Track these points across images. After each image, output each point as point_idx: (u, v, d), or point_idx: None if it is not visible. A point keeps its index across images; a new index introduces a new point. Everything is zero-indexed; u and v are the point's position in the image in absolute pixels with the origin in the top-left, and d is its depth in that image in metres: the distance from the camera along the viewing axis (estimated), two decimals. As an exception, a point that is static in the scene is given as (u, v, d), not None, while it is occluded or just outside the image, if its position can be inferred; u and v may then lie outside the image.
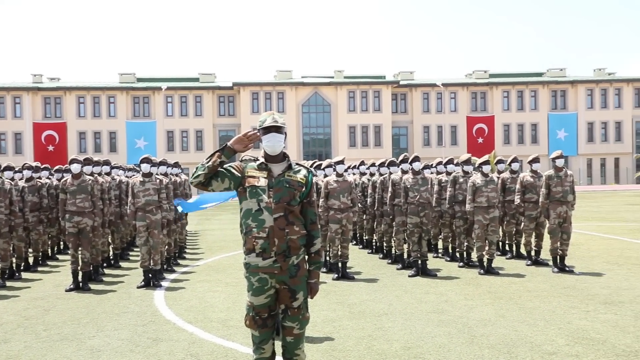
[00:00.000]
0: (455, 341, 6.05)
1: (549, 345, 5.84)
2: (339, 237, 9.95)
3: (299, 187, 4.26)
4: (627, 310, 7.14)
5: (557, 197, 10.08)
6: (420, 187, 10.10)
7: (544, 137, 59.53)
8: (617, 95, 60.03)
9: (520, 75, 62.62)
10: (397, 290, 8.78)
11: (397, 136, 60.06)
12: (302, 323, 4.27)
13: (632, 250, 12.39)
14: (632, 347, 5.69)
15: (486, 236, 10.17)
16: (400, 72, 61.78)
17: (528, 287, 8.78)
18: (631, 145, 59.78)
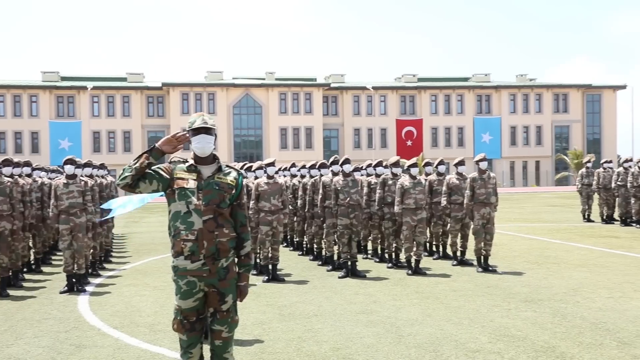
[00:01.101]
0: (383, 341, 6.15)
1: (473, 343, 6.02)
2: (269, 239, 9.94)
3: (228, 190, 4.24)
4: (545, 308, 7.44)
5: (481, 198, 10.39)
6: (351, 189, 10.21)
7: (469, 140, 61.22)
8: (537, 100, 62.42)
9: (447, 79, 64.21)
10: (327, 291, 8.85)
11: (328, 138, 60.46)
12: (231, 326, 4.24)
13: (550, 250, 12.91)
14: (549, 343, 5.94)
15: (414, 237, 10.37)
16: (331, 74, 62.24)
17: (454, 286, 9.01)
18: (551, 149, 62.26)
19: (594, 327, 6.46)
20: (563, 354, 5.60)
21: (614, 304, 7.55)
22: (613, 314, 7.05)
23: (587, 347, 5.77)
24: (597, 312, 7.17)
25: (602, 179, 18.50)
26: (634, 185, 16.83)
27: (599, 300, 7.78)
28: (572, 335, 6.18)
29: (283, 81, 59.12)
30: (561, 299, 7.90)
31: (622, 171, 17.58)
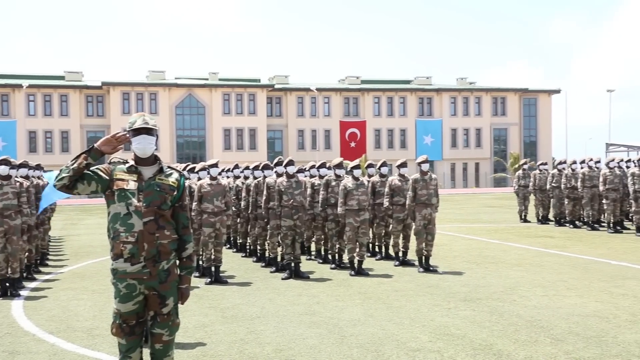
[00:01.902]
0: (326, 342, 6.18)
1: (414, 342, 6.12)
2: (212, 240, 9.85)
3: (170, 191, 4.19)
4: (483, 307, 7.62)
5: (423, 199, 10.56)
6: (294, 190, 10.22)
7: (412, 142, 62.15)
8: (477, 103, 63.90)
9: (390, 82, 65.01)
10: (270, 293, 8.83)
11: (272, 139, 60.35)
12: (172, 329, 4.19)
13: (489, 249, 13.23)
14: (487, 341, 6.09)
15: (357, 238, 10.46)
16: (275, 75, 62.16)
17: (395, 287, 9.13)
18: (489, 151, 63.82)
19: (529, 325, 6.66)
20: (500, 351, 5.75)
21: (548, 302, 7.80)
22: (547, 311, 7.28)
23: (523, 344, 5.94)
24: (532, 310, 7.39)
25: (538, 180, 19.07)
26: (567, 186, 17.41)
27: (534, 299, 8.02)
28: (509, 333, 6.35)
29: (226, 82, 58.69)
30: (499, 298, 8.11)
31: (557, 173, 18.17)
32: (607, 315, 7.04)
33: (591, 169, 16.86)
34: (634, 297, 7.95)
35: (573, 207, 17.54)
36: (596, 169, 16.88)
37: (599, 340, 6.03)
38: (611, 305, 7.51)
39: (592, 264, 10.82)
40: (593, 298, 7.98)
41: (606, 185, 15.98)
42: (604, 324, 6.62)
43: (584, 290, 8.48)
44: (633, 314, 7.05)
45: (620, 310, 7.27)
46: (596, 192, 16.56)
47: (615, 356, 5.52)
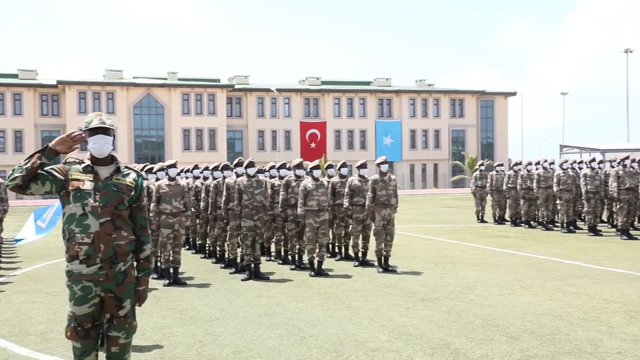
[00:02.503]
0: (285, 343, 6.18)
1: (373, 342, 6.16)
2: (170, 242, 9.75)
3: (127, 191, 4.13)
4: (441, 306, 7.72)
5: (382, 200, 10.64)
6: (254, 190, 10.19)
7: (371, 143, 62.55)
8: (435, 105, 64.67)
9: (350, 83, 65.30)
10: (229, 294, 8.78)
11: (232, 140, 60.01)
12: (129, 332, 4.13)
13: (447, 249, 13.41)
14: (445, 340, 6.17)
15: (317, 239, 10.48)
16: (235, 76, 61.83)
17: (355, 287, 9.18)
18: (448, 152, 64.65)
19: (485, 324, 6.77)
20: (457, 350, 5.83)
21: (504, 301, 7.94)
22: (503, 310, 7.42)
23: (479, 343, 6.04)
24: (488, 309, 7.51)
25: (495, 181, 19.40)
26: (523, 187, 17.75)
27: (491, 298, 8.15)
28: (466, 332, 6.45)
29: (186, 81, 58.14)
30: (456, 297, 8.23)
31: (513, 174, 18.51)
32: (560, 313, 7.20)
33: (546, 170, 17.23)
34: (586, 296, 8.15)
35: (528, 207, 17.89)
36: (551, 170, 17.25)
37: (553, 337, 6.17)
38: (564, 304, 7.69)
39: (546, 263, 11.06)
40: (547, 297, 8.15)
41: (560, 186, 16.34)
42: (557, 322, 6.77)
43: (538, 289, 8.66)
44: (585, 312, 7.22)
45: (572, 308, 7.45)
46: (551, 193, 16.92)
47: (567, 353, 5.65)
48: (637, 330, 6.37)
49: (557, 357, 5.55)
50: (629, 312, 7.20)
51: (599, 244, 13.71)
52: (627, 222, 14.73)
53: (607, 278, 9.45)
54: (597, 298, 7.99)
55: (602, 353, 5.63)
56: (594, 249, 12.88)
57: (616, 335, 6.22)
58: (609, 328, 6.49)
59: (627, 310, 7.26)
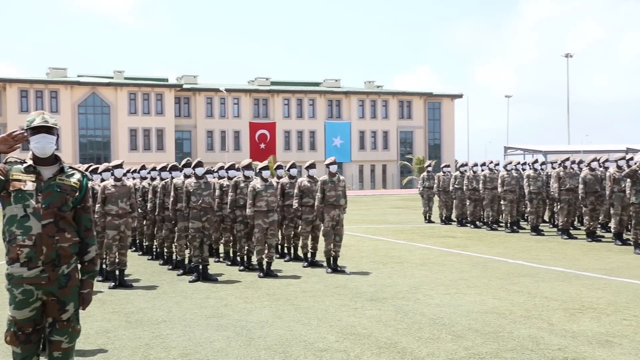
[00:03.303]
0: (233, 344, 6.15)
1: (321, 342, 6.19)
2: (116, 243, 9.57)
3: (71, 192, 4.04)
4: (389, 306, 7.81)
5: (331, 201, 10.69)
6: (203, 191, 10.10)
7: (321, 143, 62.76)
8: (384, 106, 65.36)
9: (299, 84, 65.36)
10: (177, 296, 8.68)
11: (180, 140, 59.32)
12: (72, 336, 4.04)
13: (395, 250, 13.57)
14: (392, 339, 6.24)
15: (266, 240, 10.46)
16: (184, 75, 61.15)
17: (304, 287, 9.20)
18: (396, 153, 65.41)
19: (432, 323, 6.88)
20: (404, 349, 5.91)
21: (450, 300, 8.09)
22: (449, 309, 7.55)
23: (426, 342, 6.14)
24: (435, 308, 7.64)
25: (442, 182, 19.73)
26: (469, 188, 18.10)
27: (437, 297, 8.29)
28: (413, 331, 6.54)
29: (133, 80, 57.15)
30: (403, 297, 8.33)
31: (459, 175, 18.85)
32: (504, 311, 7.38)
33: (492, 171, 17.60)
34: (528, 294, 8.38)
35: (474, 208, 18.25)
36: (496, 171, 17.64)
37: (496, 335, 6.32)
38: (507, 302, 7.88)
39: (490, 263, 11.31)
40: (491, 295, 8.34)
41: (504, 187, 16.73)
42: (501, 320, 6.94)
43: (483, 288, 8.85)
44: (527, 310, 7.42)
45: (515, 306, 7.65)
46: (496, 194, 17.29)
47: (510, 350, 5.80)
48: (576, 327, 6.58)
49: (500, 354, 5.69)
50: (569, 309, 7.43)
51: (541, 244, 14.10)
52: (567, 222, 15.18)
53: (548, 276, 9.73)
54: (538, 296, 8.22)
55: (543, 350, 5.80)
56: (536, 248, 13.24)
57: (556, 332, 6.41)
58: (550, 325, 6.69)
59: (567, 308, 7.49)
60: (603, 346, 5.87)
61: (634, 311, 7.25)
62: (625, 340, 6.04)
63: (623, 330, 6.41)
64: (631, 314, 7.10)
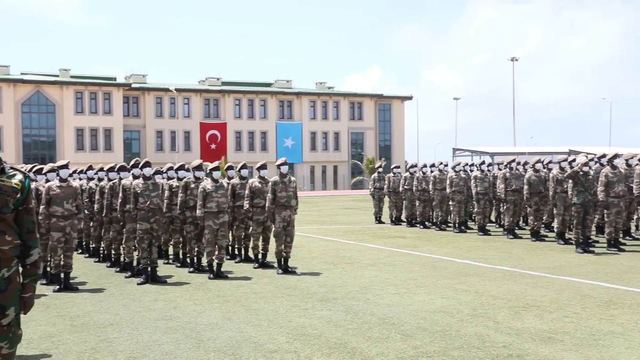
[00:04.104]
0: (182, 347, 6.08)
1: (271, 343, 6.18)
2: (61, 245, 9.35)
3: (12, 194, 3.92)
4: (339, 306, 7.85)
5: (282, 201, 10.68)
6: (151, 192, 9.96)
7: (272, 144, 62.64)
8: (335, 107, 65.66)
9: (250, 84, 65.08)
10: (124, 299, 8.53)
11: (129, 140, 58.35)
12: (13, 342, 3.92)
13: (345, 250, 13.64)
14: (342, 340, 6.28)
15: (216, 241, 10.38)
16: (132, 74, 60.15)
17: (254, 289, 9.16)
18: (347, 154, 65.79)
19: (381, 322, 6.95)
20: (354, 349, 5.95)
21: (400, 300, 8.18)
22: (398, 308, 7.64)
23: (375, 341, 6.19)
24: (384, 307, 7.71)
25: (392, 183, 19.93)
26: (418, 189, 18.33)
27: (387, 297, 8.38)
28: (363, 331, 6.59)
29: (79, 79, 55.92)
30: (354, 297, 8.39)
31: (409, 176, 19.07)
32: (452, 310, 7.51)
33: (441, 172, 17.87)
34: (475, 293, 8.54)
35: (423, 208, 18.49)
36: (445, 173, 17.91)
37: (444, 334, 6.42)
38: (455, 301, 8.02)
39: (439, 262, 11.49)
40: (439, 294, 8.47)
41: (452, 188, 17.01)
42: (449, 319, 7.06)
43: (432, 288, 8.98)
44: (474, 309, 7.57)
45: (462, 305, 7.79)
46: (445, 195, 17.56)
47: (457, 348, 5.90)
48: (521, 324, 6.75)
49: (447, 352, 5.78)
50: (514, 307, 7.61)
51: (488, 243, 14.40)
52: (513, 222, 15.54)
53: (494, 275, 9.94)
54: (485, 295, 8.39)
55: (489, 347, 5.92)
56: (483, 248, 13.51)
57: (502, 329, 6.56)
58: (495, 323, 6.83)
59: (512, 306, 7.67)
60: (546, 343, 6.03)
61: (575, 308, 7.48)
62: (566, 337, 6.23)
63: (565, 327, 6.60)
64: (572, 311, 7.32)
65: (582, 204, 12.53)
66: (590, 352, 5.72)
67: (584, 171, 12.63)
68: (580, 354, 5.65)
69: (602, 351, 5.73)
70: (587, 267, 10.57)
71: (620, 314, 7.15)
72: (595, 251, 12.44)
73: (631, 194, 13.44)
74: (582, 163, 12.64)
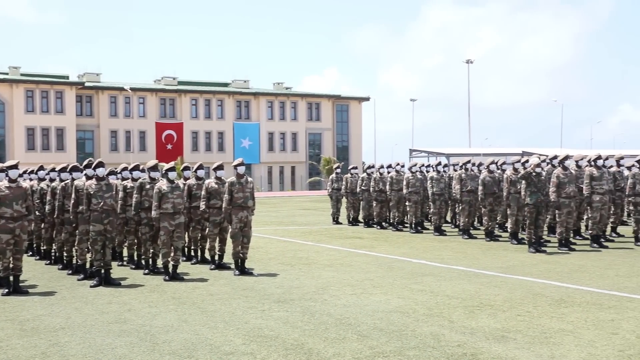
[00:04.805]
0: (136, 350, 5.99)
1: (227, 345, 6.13)
2: (10, 248, 9.09)
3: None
4: (296, 307, 7.84)
5: (239, 202, 10.62)
6: (105, 193, 9.78)
7: (229, 145, 62.24)
8: (293, 108, 65.63)
9: (207, 84, 64.54)
10: (77, 302, 8.35)
11: (82, 140, 57.24)
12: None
13: (303, 251, 13.64)
14: (299, 341, 6.27)
15: (172, 242, 10.25)
16: (86, 73, 59.03)
17: (211, 290, 9.08)
18: (305, 155, 65.82)
19: (338, 323, 6.97)
20: (310, 350, 5.95)
21: (356, 300, 8.21)
22: (355, 309, 7.67)
23: (332, 342, 6.20)
24: (341, 308, 7.73)
25: (349, 184, 20.02)
26: (375, 189, 18.45)
27: (344, 297, 8.40)
28: (319, 332, 6.60)
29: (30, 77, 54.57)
30: (311, 298, 8.39)
31: (366, 177, 19.19)
32: (407, 310, 7.58)
33: (398, 173, 18.02)
34: (431, 293, 8.64)
35: (380, 209, 18.62)
36: (402, 173, 18.07)
37: (400, 334, 6.47)
38: (411, 301, 8.10)
39: (395, 263, 11.58)
40: (396, 295, 8.54)
41: (409, 189, 17.18)
42: (405, 319, 7.12)
43: (388, 288, 9.05)
44: (429, 308, 7.65)
45: (418, 305, 7.87)
46: (402, 195, 17.71)
47: (413, 348, 5.96)
48: (475, 324, 6.85)
49: (403, 352, 5.83)
50: (468, 306, 7.72)
51: (444, 244, 14.58)
52: (468, 222, 15.77)
53: (449, 275, 10.07)
54: (440, 294, 8.50)
55: (444, 346, 6.00)
56: (439, 248, 13.68)
57: (456, 329, 6.65)
58: (450, 322, 6.92)
59: (467, 305, 7.78)
60: (499, 341, 6.14)
61: (527, 307, 7.63)
62: (519, 335, 6.35)
63: (517, 326, 6.73)
64: (525, 310, 7.47)
65: (535, 205, 12.80)
66: (541, 349, 5.84)
67: (537, 172, 12.91)
68: (531, 352, 5.77)
69: (552, 349, 5.86)
70: (539, 267, 10.81)
71: (570, 312, 7.32)
72: (547, 251, 12.72)
73: (581, 194, 13.78)
74: (535, 164, 12.92)
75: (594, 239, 13.47)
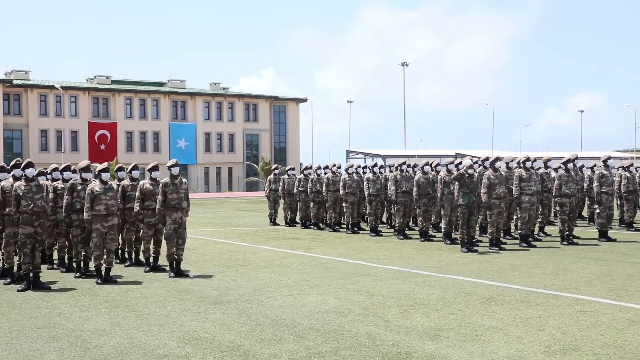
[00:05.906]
0: (66, 355, 5.83)
1: (162, 349, 6.04)
2: None
3: None
4: (233, 309, 7.79)
5: (173, 203, 10.48)
6: (35, 195, 9.47)
7: (165, 145, 61.29)
8: (230, 109, 65.20)
9: (142, 83, 63.38)
10: (3, 307, 8.06)
11: (10, 140, 55.24)
12: None
13: (240, 252, 13.57)
14: (235, 343, 6.24)
15: (104, 244, 10.02)
16: (13, 70, 56.99)
17: (145, 293, 8.92)
18: (242, 156, 65.47)
19: (274, 324, 6.97)
20: (246, 351, 5.93)
21: (293, 301, 8.23)
22: (292, 310, 7.69)
23: (268, 343, 6.20)
24: (278, 309, 7.74)
25: (287, 185, 20.04)
26: (312, 190, 18.53)
27: (280, 299, 8.41)
28: (256, 333, 6.58)
29: (-46, 72, 52.31)
30: (247, 299, 8.36)
31: (303, 178, 19.25)
32: (344, 310, 7.65)
33: (334, 174, 18.15)
34: (367, 293, 8.75)
35: (317, 210, 18.72)
36: (338, 175, 18.21)
37: (336, 334, 6.53)
38: (347, 301, 8.18)
39: (332, 263, 11.67)
40: (332, 295, 8.61)
41: (345, 190, 17.33)
42: (341, 319, 7.18)
43: (325, 288, 9.11)
44: (365, 308, 7.75)
45: (354, 305, 7.95)
46: (339, 196, 17.84)
47: (349, 348, 6.02)
48: (409, 323, 6.98)
49: (339, 352, 5.88)
50: (403, 306, 7.85)
51: (379, 244, 14.78)
52: (403, 222, 16.03)
53: (385, 275, 10.22)
54: (376, 294, 8.61)
55: (379, 345, 6.08)
56: (375, 249, 13.85)
57: (391, 328, 6.76)
58: (386, 322, 7.03)
59: (401, 305, 7.92)
60: (432, 340, 6.28)
61: (459, 306, 7.82)
62: (451, 333, 6.51)
63: (450, 324, 6.89)
64: (457, 309, 7.66)
65: (467, 205, 13.13)
66: (472, 347, 6.00)
67: (469, 174, 13.24)
68: (463, 350, 5.92)
69: (483, 346, 6.03)
70: (471, 266, 11.09)
71: (501, 310, 7.55)
72: (478, 250, 13.07)
73: (511, 195, 14.22)
74: (467, 166, 13.25)
75: (523, 239, 13.92)
